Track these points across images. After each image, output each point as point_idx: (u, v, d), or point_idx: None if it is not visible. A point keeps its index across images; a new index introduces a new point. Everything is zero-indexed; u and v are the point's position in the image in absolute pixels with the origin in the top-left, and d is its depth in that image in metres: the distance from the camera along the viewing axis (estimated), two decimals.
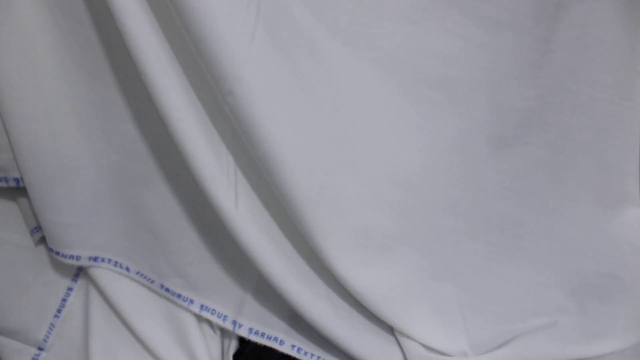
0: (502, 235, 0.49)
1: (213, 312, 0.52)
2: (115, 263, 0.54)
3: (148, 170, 0.50)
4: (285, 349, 0.49)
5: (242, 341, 0.53)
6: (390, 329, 0.50)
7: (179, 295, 0.52)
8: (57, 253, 0.53)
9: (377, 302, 0.47)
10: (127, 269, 0.54)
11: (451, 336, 0.49)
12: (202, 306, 0.52)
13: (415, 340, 0.48)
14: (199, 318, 0.54)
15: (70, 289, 0.57)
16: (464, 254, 0.49)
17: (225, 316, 0.51)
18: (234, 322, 0.51)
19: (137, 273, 0.54)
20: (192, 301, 0.52)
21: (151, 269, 0.54)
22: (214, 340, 0.54)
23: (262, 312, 0.51)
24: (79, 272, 0.57)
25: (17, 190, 0.53)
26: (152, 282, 0.54)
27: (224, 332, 0.55)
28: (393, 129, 0.47)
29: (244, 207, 0.44)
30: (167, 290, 0.53)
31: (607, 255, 0.49)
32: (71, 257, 0.53)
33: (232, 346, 0.53)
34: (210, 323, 0.55)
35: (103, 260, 0.54)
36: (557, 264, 0.49)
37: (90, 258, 0.54)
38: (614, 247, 0.49)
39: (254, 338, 0.49)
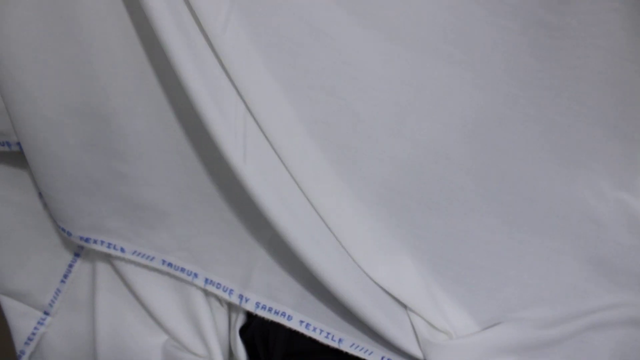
0: (517, 199, 0.46)
1: (218, 285, 0.50)
2: (109, 245, 0.52)
3: (145, 142, 0.48)
4: (293, 324, 0.47)
5: (250, 315, 0.52)
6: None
7: (182, 269, 0.51)
8: (55, 220, 0.52)
9: (370, 260, 0.46)
10: (122, 249, 0.52)
11: (456, 314, 0.47)
12: (206, 280, 0.50)
13: (421, 316, 0.46)
14: (206, 290, 0.52)
15: (77, 254, 0.56)
16: (473, 218, 0.46)
17: (231, 290, 0.50)
18: (240, 296, 0.49)
19: (134, 253, 0.52)
20: (196, 275, 0.50)
21: (151, 245, 0.51)
22: (221, 312, 0.53)
23: (269, 286, 0.48)
24: None
25: None
26: (152, 259, 0.51)
27: (231, 306, 0.54)
28: (403, 80, 0.44)
29: (253, 158, 0.42)
30: (170, 265, 0.51)
31: (625, 225, 0.46)
32: (63, 230, 0.52)
33: (240, 320, 0.52)
34: (216, 297, 0.54)
35: (95, 242, 0.52)
36: (574, 231, 0.46)
37: (81, 238, 0.52)
38: (634, 220, 0.46)
39: (261, 313, 0.48)
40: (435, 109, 0.44)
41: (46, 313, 0.55)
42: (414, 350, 0.45)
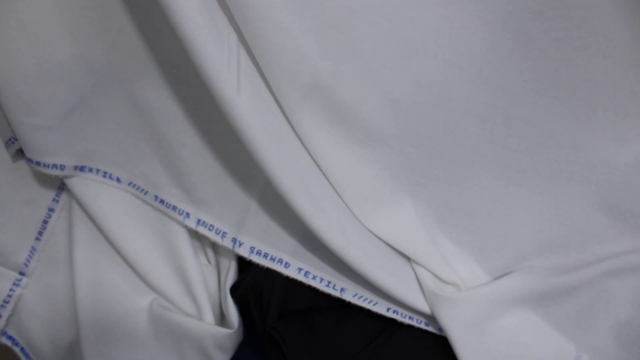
0: (523, 142, 0.43)
1: (211, 227, 0.46)
2: (105, 174, 0.49)
3: (142, 66, 0.44)
4: (290, 272, 0.43)
5: (241, 273, 0.48)
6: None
7: (174, 208, 0.47)
8: (38, 163, 0.47)
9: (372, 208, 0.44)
10: (118, 179, 0.49)
11: (464, 264, 0.45)
12: (199, 221, 0.46)
13: (426, 269, 0.44)
14: (195, 247, 0.49)
15: (51, 209, 0.51)
16: (477, 163, 0.44)
17: (224, 232, 0.46)
18: (234, 240, 0.45)
19: (130, 184, 0.49)
20: (188, 214, 0.47)
21: (145, 178, 0.48)
22: (210, 270, 0.49)
23: (266, 230, 0.45)
24: (61, 192, 0.52)
25: None
26: (146, 193, 0.48)
27: (220, 263, 0.50)
28: (405, 13, 0.41)
29: (246, 93, 0.38)
30: (162, 202, 0.48)
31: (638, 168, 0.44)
32: (54, 166, 0.47)
33: (230, 278, 0.48)
34: (205, 253, 0.50)
35: (90, 170, 0.48)
36: (584, 175, 0.44)
37: (76, 167, 0.48)
38: None
39: (255, 259, 0.44)
40: (440, 48, 0.42)
41: (22, 273, 0.51)
42: (420, 304, 0.42)
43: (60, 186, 0.52)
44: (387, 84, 0.42)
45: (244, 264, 0.49)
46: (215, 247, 0.51)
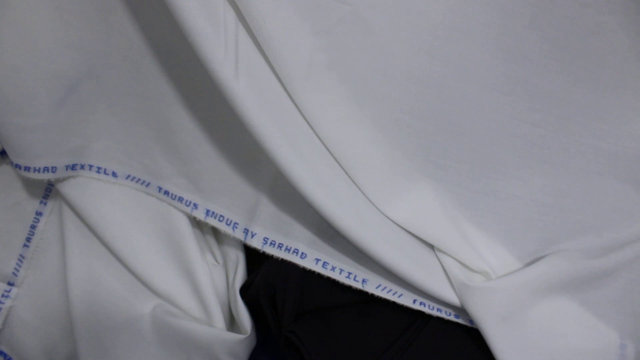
0: (548, 117, 0.41)
1: (221, 218, 0.43)
2: (99, 169, 0.45)
3: (135, 50, 0.41)
4: (307, 263, 0.40)
5: (250, 272, 0.45)
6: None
7: (180, 199, 0.44)
8: (27, 169, 0.43)
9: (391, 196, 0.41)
10: (114, 174, 0.45)
11: (491, 250, 0.42)
12: (207, 211, 0.43)
13: (452, 257, 0.41)
14: (201, 244, 0.45)
15: (39, 213, 0.47)
16: (499, 141, 0.41)
17: (235, 223, 0.43)
18: (246, 231, 0.42)
19: (128, 177, 0.45)
20: (196, 205, 0.44)
21: (145, 169, 0.45)
22: (218, 270, 0.46)
23: (279, 218, 0.42)
24: (48, 193, 0.48)
25: None
26: (147, 185, 0.45)
27: (227, 262, 0.46)
28: None
29: (245, 77, 0.35)
30: (167, 193, 0.44)
31: None
32: (45, 169, 0.43)
33: (239, 278, 0.44)
34: (212, 252, 0.47)
35: (83, 167, 0.45)
36: (614, 152, 0.41)
37: (68, 167, 0.44)
38: None
39: (269, 250, 0.41)
40: (456, 17, 0.39)
41: (10, 284, 0.47)
42: (449, 296, 0.40)
43: (48, 187, 0.48)
44: (398, 56, 0.39)
45: (251, 264, 0.46)
46: (221, 244, 0.47)
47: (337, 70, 0.39)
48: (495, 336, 0.37)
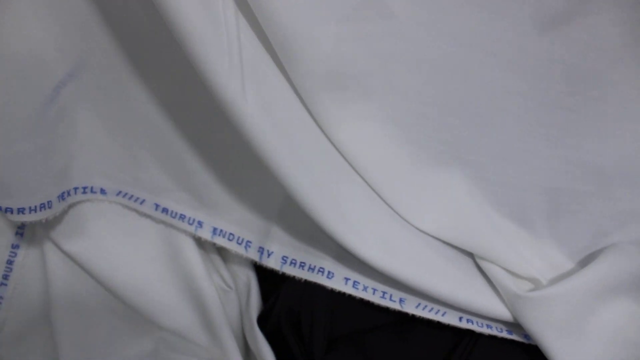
0: (583, 101, 0.37)
1: (231, 237, 0.38)
2: (85, 189, 0.39)
3: (123, 50, 0.36)
4: (335, 284, 0.35)
5: (266, 298, 0.39)
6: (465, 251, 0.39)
7: (182, 217, 0.39)
8: (21, 211, 0.36)
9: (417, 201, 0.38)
10: (102, 190, 0.40)
11: (536, 250, 0.39)
12: (214, 230, 0.38)
13: (496, 264, 0.37)
14: (207, 267, 0.40)
15: (15, 246, 0.41)
16: (530, 129, 0.38)
17: (248, 242, 0.38)
18: (261, 250, 0.37)
19: (119, 194, 0.40)
20: (200, 223, 0.39)
21: (139, 184, 0.40)
22: (229, 296, 0.40)
23: (299, 233, 0.37)
24: (24, 224, 0.41)
25: None
26: (142, 202, 0.39)
27: (238, 286, 0.41)
28: None
29: (254, 92, 0.30)
30: (165, 210, 0.39)
31: None
32: (42, 206, 0.36)
33: (253, 303, 0.39)
34: (221, 275, 0.41)
35: (69, 193, 0.39)
36: None
37: (59, 198, 0.38)
38: None
39: (289, 270, 0.36)
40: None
41: None
42: (499, 311, 0.35)
43: None
44: (420, 41, 0.35)
45: (262, 281, 0.41)
46: (227, 263, 0.42)
47: (355, 64, 0.35)
48: (556, 350, 0.33)
